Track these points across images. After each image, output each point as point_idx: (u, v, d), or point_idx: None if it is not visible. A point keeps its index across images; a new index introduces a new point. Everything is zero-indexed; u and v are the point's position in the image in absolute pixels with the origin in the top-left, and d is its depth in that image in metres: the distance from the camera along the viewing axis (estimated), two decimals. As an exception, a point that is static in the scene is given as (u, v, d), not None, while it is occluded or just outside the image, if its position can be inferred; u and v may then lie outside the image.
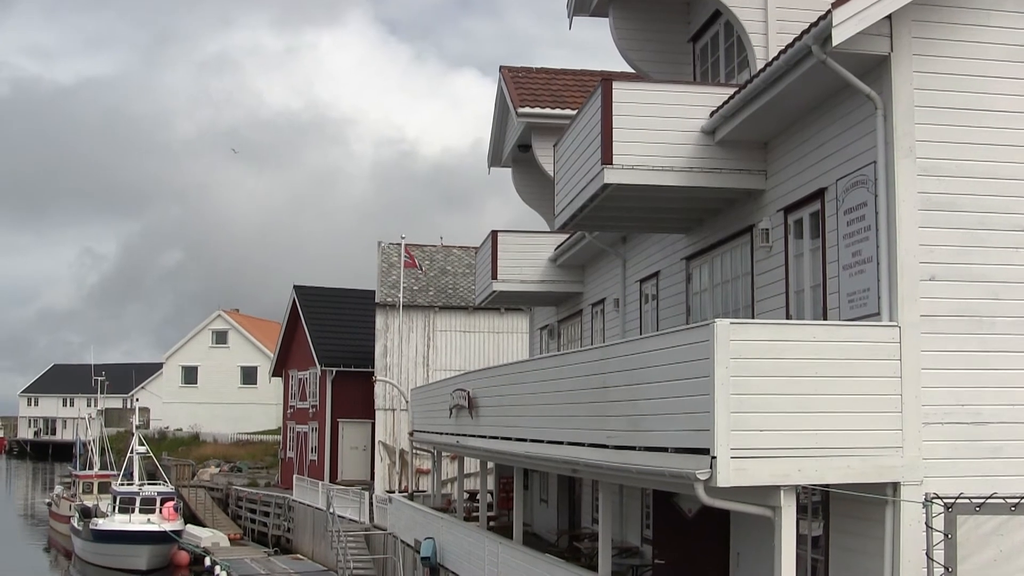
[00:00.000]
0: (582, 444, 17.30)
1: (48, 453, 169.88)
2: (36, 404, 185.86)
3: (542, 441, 19.72)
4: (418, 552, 32.04)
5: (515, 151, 31.66)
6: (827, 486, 13.84)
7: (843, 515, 14.96)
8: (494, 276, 31.63)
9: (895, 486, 13.68)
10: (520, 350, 50.57)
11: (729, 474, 12.87)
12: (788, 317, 17.20)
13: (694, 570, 19.59)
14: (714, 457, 12.85)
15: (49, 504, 78.06)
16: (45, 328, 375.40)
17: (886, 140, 14.32)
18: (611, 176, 18.11)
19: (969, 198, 14.42)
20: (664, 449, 14.18)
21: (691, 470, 13.10)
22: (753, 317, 18.27)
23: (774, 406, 13.19)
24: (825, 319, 15.79)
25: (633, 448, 15.18)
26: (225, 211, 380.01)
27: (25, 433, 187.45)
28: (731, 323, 13.22)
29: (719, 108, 17.76)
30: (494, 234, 31.88)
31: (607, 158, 18.05)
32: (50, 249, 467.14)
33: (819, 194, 16.34)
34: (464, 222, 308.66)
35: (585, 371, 17.60)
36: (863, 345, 13.79)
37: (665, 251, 23.92)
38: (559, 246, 30.71)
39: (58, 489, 77.66)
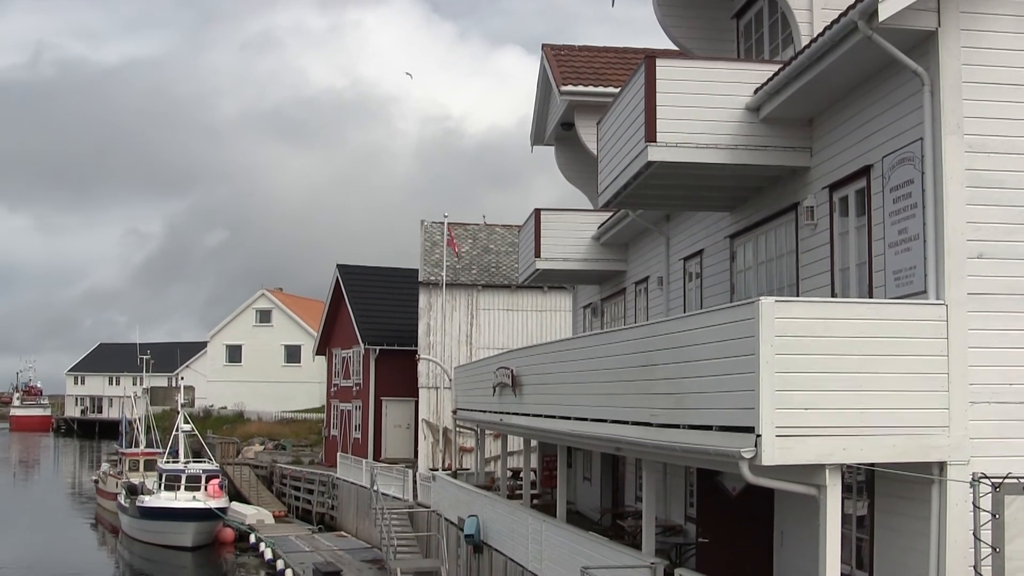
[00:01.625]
0: (626, 422, 17.27)
1: (95, 431, 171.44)
2: (83, 383, 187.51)
3: (586, 419, 19.71)
4: (462, 530, 32.12)
5: (558, 129, 31.60)
6: (872, 465, 13.78)
7: (889, 495, 14.88)
8: (537, 254, 31.58)
9: (941, 465, 13.59)
10: (563, 329, 50.52)
11: (774, 453, 12.82)
12: (833, 295, 17.11)
13: (738, 549, 19.56)
14: (759, 436, 12.80)
15: (96, 481, 78.78)
16: (91, 308, 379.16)
17: (933, 117, 14.18)
18: (655, 154, 18.04)
19: (1017, 175, 14.26)
20: (708, 427, 14.13)
21: (736, 448, 13.06)
22: (798, 295, 18.17)
23: (819, 384, 13.12)
24: (871, 297, 15.69)
25: (677, 426, 15.14)
26: (269, 190, 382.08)
27: (72, 411, 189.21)
28: (776, 301, 13.16)
29: (763, 85, 17.65)
30: (537, 212, 31.83)
31: (651, 136, 17.98)
32: (96, 230, 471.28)
33: (865, 171, 16.22)
34: (510, 200, 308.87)
35: (629, 349, 17.55)
36: (909, 323, 13.70)
37: (709, 229, 23.81)
38: (602, 224, 30.63)
39: (105, 467, 78.29)
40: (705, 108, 18.15)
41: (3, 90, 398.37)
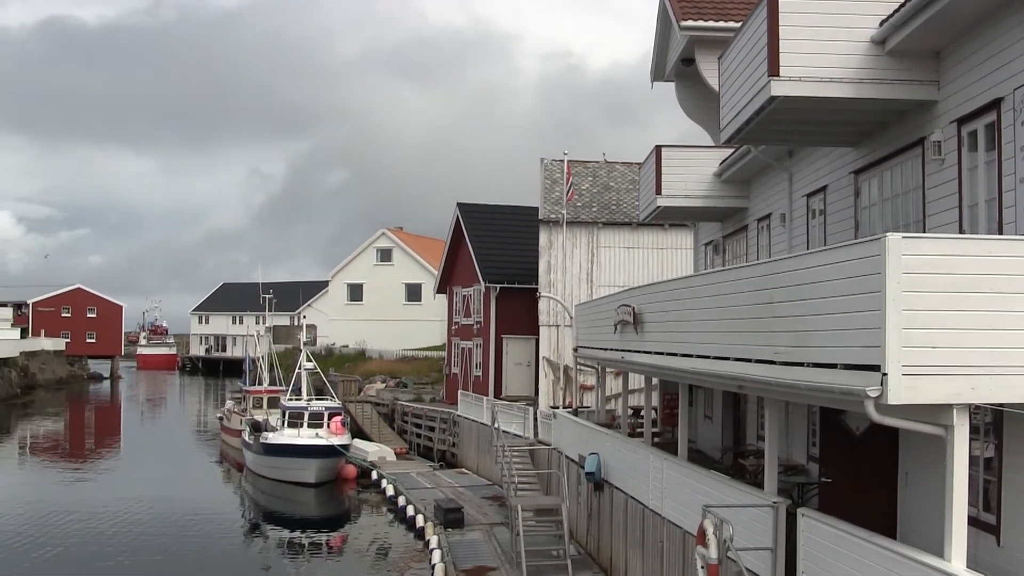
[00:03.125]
0: (748, 360, 17.14)
1: (219, 369, 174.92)
2: (207, 322, 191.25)
3: (708, 357, 19.59)
4: (582, 467, 32.21)
5: (678, 65, 31.22)
6: (1001, 406, 13.52)
7: (1017, 436, 14.61)
8: (658, 192, 31.39)
9: (1073, 406, 13.29)
10: (684, 266, 50.26)
11: (900, 391, 12.61)
12: (961, 232, 16.76)
13: (861, 489, 19.36)
14: (885, 374, 12.60)
15: (221, 419, 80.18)
16: (214, 248, 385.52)
17: (1068, 47, 13.79)
18: (778, 88, 17.80)
19: None
20: (833, 365, 13.95)
21: (861, 387, 12.87)
22: (924, 232, 17.84)
23: (947, 323, 12.85)
24: (1000, 234, 15.34)
25: (801, 364, 14.97)
26: (390, 130, 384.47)
27: (197, 350, 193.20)
28: (903, 237, 12.89)
29: (890, 17, 17.28)
30: (658, 149, 31.59)
31: (774, 70, 17.74)
32: (219, 171, 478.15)
33: (995, 104, 15.82)
34: (631, 137, 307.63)
35: (751, 287, 17.38)
36: (1041, 260, 13.36)
37: (833, 165, 23.46)
38: (724, 161, 30.33)
39: (229, 404, 79.64)
40: (829, 41, 17.84)
41: (126, 35, 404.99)
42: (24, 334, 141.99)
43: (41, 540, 39.84)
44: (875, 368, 12.79)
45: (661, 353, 23.52)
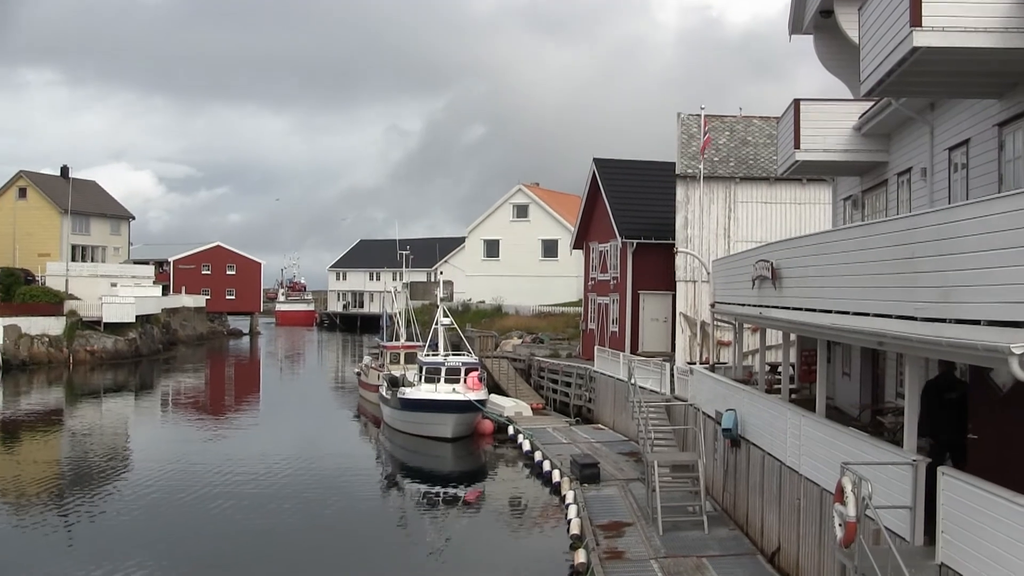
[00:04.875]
0: (889, 316, 16.91)
1: (356, 325, 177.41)
2: (344, 278, 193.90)
3: (847, 313, 19.38)
4: (719, 423, 32.10)
5: (817, 17, 30.78)
6: None
7: None
8: (796, 146, 31.00)
9: None
10: (822, 221, 49.63)
11: (1046, 348, 12.35)
12: (1111, 184, 16.33)
13: (1006, 448, 19.01)
14: (1030, 331, 12.35)
15: (358, 374, 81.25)
16: (352, 205, 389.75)
17: None
18: (920, 39, 17.46)
19: None
20: (976, 322, 13.70)
21: (1005, 344, 12.62)
22: (1072, 185, 17.41)
23: (1096, 278, 12.53)
24: None
25: (943, 320, 14.73)
26: (527, 86, 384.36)
27: (334, 306, 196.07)
28: (1051, 191, 12.59)
29: (1038, -36, 16.84)
30: (796, 103, 31.19)
31: (916, 20, 17.39)
32: (356, 128, 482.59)
33: None
34: (772, 91, 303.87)
35: (892, 241, 17.12)
36: None
37: (976, 117, 22.95)
38: (863, 114, 29.84)
39: (367, 359, 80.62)
40: (974, -10, 17.44)
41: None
42: (165, 291, 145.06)
43: (185, 496, 40.80)
44: (1020, 325, 12.54)
45: (799, 309, 23.33)
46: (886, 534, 16.18)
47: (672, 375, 46.60)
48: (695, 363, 47.17)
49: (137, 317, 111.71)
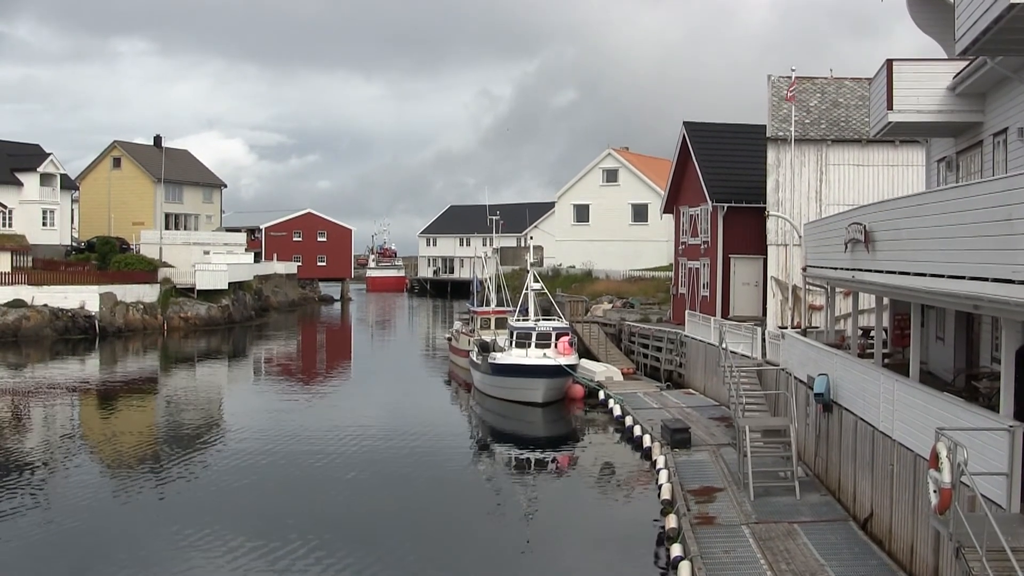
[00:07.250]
0: (985, 279, 16.64)
1: (446, 291, 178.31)
2: (434, 244, 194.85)
3: (941, 276, 19.12)
4: (811, 388, 31.85)
5: (911, -25, 30.33)
6: None
7: None
8: (889, 107, 30.56)
9: None
10: (916, 184, 49.00)
11: None
12: None
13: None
14: None
15: (449, 339, 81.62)
16: (442, 170, 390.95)
17: None
18: (1017, -4, 17.11)
19: None
20: (1075, 285, 13.45)
21: (1105, 307, 12.37)
22: None
23: None
24: None
25: (1041, 284, 14.48)
26: (619, 49, 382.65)
27: (424, 272, 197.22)
28: None
29: None
30: (889, 63, 30.73)
31: (1013, -24, 17.04)
32: (447, 93, 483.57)
33: None
34: (868, 51, 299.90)
35: (989, 203, 16.83)
36: None
37: (1076, 75, 22.50)
38: (958, 74, 29.34)
39: (457, 325, 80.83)
40: (1074, -56, 17.05)
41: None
42: (257, 258, 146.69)
43: (279, 460, 41.26)
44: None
45: (893, 272, 23.07)
46: (982, 501, 15.98)
47: (763, 339, 46.34)
48: (786, 327, 46.84)
49: (230, 284, 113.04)
